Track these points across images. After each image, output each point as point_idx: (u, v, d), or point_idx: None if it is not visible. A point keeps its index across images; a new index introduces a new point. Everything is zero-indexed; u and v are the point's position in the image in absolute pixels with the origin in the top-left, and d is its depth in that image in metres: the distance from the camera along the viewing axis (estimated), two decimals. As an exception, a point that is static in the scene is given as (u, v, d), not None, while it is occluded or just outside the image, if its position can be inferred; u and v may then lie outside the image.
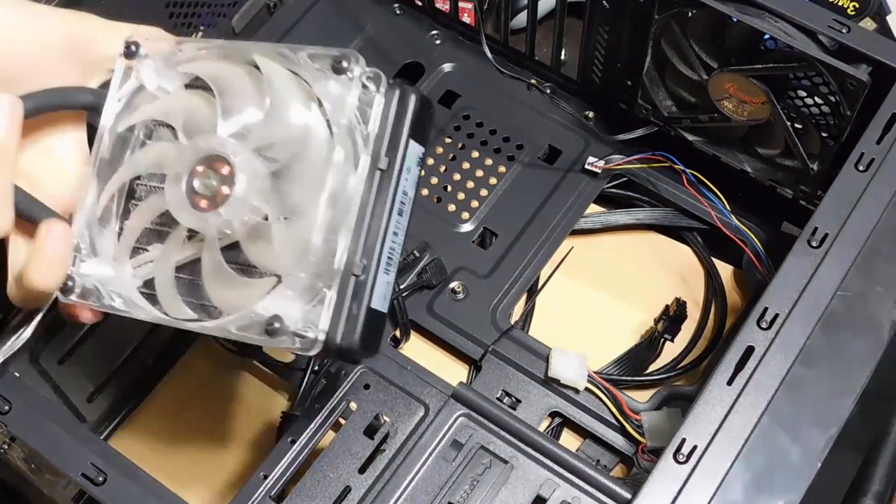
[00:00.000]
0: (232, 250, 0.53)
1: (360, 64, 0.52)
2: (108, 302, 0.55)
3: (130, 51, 0.56)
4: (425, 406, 0.62)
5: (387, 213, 0.53)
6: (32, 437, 0.56)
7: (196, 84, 0.56)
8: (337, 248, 0.51)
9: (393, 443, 0.61)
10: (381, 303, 0.53)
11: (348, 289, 0.51)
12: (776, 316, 0.56)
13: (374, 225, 0.52)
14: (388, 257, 0.54)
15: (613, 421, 0.70)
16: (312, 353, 0.51)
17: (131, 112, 0.56)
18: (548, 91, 0.84)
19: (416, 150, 0.55)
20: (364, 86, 0.53)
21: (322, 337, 0.50)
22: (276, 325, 0.50)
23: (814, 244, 0.58)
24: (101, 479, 0.55)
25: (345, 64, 0.52)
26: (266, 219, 0.51)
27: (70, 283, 0.55)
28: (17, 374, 0.63)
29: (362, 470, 0.60)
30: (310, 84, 0.53)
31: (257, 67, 0.54)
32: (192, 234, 0.54)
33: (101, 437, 0.72)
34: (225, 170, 0.52)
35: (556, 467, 0.56)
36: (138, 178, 0.57)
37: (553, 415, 0.71)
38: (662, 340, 0.73)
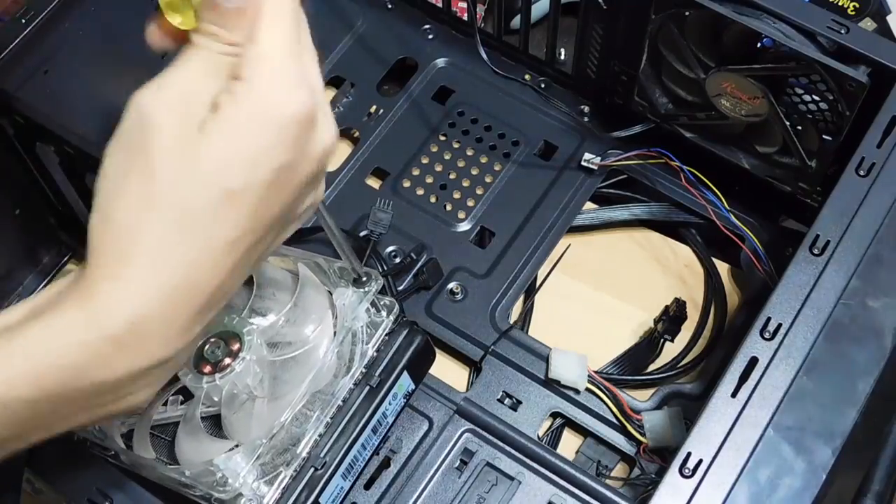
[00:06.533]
0: (206, 421, 0.58)
1: (377, 283, 0.59)
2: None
3: None
4: (429, 420, 0.62)
5: (363, 424, 0.58)
6: (36, 462, 0.56)
7: None
8: (305, 436, 0.56)
9: (398, 458, 0.61)
10: (328, 502, 0.57)
11: (304, 476, 0.55)
12: (779, 326, 0.56)
13: (347, 429, 0.57)
14: (350, 464, 0.58)
15: (614, 421, 0.70)
16: None
17: None
18: (542, 86, 0.83)
19: (406, 382, 0.60)
20: (378, 308, 0.60)
21: None
22: (229, 480, 0.53)
23: (815, 252, 0.58)
24: (106, 504, 0.55)
25: (364, 279, 0.60)
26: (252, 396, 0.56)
27: None
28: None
29: (368, 486, 0.60)
30: (332, 293, 0.60)
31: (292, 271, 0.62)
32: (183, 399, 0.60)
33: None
34: (235, 346, 0.58)
35: (562, 482, 0.56)
36: None
37: (554, 415, 0.71)
38: (662, 341, 0.73)
